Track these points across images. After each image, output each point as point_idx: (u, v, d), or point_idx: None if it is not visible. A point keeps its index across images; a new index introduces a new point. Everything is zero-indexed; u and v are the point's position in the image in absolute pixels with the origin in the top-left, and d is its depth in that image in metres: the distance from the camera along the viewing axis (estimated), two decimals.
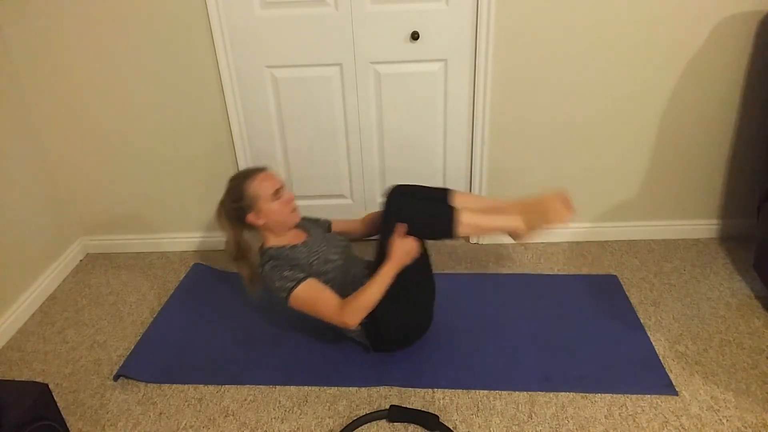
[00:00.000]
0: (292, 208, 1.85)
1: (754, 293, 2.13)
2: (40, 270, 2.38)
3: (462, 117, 2.30)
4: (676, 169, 2.36)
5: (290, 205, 1.84)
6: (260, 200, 1.79)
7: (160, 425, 1.73)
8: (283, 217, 1.82)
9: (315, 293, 1.73)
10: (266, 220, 1.81)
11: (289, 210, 1.83)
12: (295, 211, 1.86)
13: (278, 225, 1.83)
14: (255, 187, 1.79)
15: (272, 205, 1.80)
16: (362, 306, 1.69)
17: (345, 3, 2.09)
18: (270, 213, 1.80)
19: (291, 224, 1.86)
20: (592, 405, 1.70)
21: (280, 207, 1.81)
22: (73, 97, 2.30)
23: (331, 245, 1.89)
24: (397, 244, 1.73)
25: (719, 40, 2.10)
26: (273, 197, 1.80)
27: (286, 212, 1.83)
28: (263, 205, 1.79)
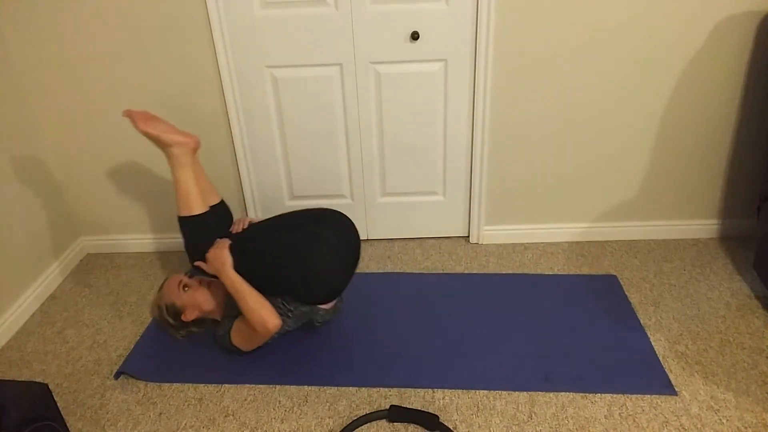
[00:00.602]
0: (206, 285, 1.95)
1: (754, 293, 2.13)
2: (40, 270, 2.38)
3: (462, 117, 2.30)
4: (676, 169, 2.36)
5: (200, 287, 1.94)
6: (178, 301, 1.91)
7: (160, 425, 1.73)
8: (204, 298, 1.94)
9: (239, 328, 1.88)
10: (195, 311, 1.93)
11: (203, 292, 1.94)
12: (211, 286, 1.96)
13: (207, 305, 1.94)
14: (166, 297, 1.93)
15: (187, 297, 1.92)
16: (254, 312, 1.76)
17: (345, 3, 2.09)
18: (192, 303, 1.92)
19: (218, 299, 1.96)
20: (592, 405, 1.70)
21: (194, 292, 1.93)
22: (73, 97, 2.30)
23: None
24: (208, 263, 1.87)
25: (719, 40, 2.10)
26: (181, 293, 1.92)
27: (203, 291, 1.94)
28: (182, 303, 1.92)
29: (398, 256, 2.48)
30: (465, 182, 2.45)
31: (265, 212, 2.55)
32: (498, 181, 2.42)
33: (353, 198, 2.51)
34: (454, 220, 2.55)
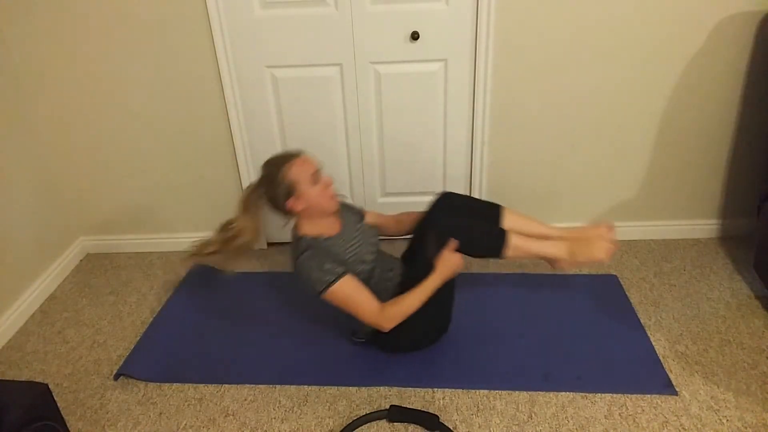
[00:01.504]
0: (332, 194, 1.79)
1: (754, 293, 2.13)
2: (40, 270, 2.38)
3: (462, 117, 2.30)
4: (676, 169, 2.36)
5: (329, 189, 1.78)
6: (300, 185, 1.73)
7: (160, 425, 1.73)
8: (323, 202, 1.76)
9: (353, 291, 1.70)
10: (306, 205, 1.75)
11: (328, 195, 1.78)
12: (334, 197, 1.80)
13: (318, 210, 1.78)
14: (294, 173, 1.72)
15: (312, 189, 1.74)
16: (401, 313, 1.71)
17: (345, 3, 2.09)
18: (310, 198, 1.74)
19: (331, 209, 1.79)
20: (592, 405, 1.70)
21: (321, 191, 1.76)
22: (73, 97, 2.30)
23: (365, 242, 1.86)
24: (446, 258, 1.74)
25: (719, 40, 2.10)
26: (312, 181, 1.74)
27: (326, 197, 1.77)
28: (303, 189, 1.73)
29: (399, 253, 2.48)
30: (465, 182, 2.45)
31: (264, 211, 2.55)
32: (498, 180, 2.42)
33: (353, 198, 2.51)
34: None
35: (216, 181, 2.47)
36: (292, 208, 1.76)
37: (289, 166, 1.73)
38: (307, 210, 1.77)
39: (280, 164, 1.74)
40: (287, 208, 1.77)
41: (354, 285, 1.71)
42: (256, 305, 2.22)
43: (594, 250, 1.81)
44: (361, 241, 1.85)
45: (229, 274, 1.83)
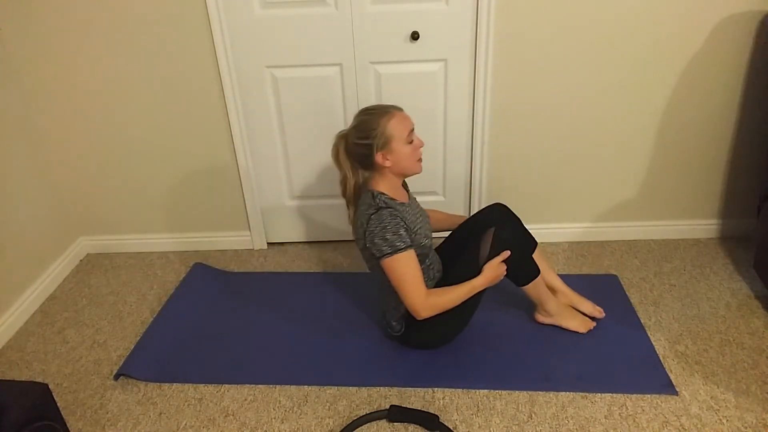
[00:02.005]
0: (420, 156, 1.75)
1: (754, 293, 2.13)
2: (40, 270, 2.38)
3: (462, 117, 2.30)
4: (676, 169, 2.36)
5: (419, 152, 1.74)
6: (394, 140, 1.67)
7: (160, 425, 1.73)
8: (410, 163, 1.72)
9: (412, 267, 1.66)
10: (393, 163, 1.70)
11: (416, 157, 1.73)
12: (420, 160, 1.76)
13: (403, 171, 1.73)
14: (392, 126, 1.66)
15: (405, 147, 1.69)
16: (442, 304, 1.70)
17: (345, 3, 2.09)
18: (400, 156, 1.69)
19: (414, 172, 1.76)
20: (592, 405, 1.70)
21: (412, 152, 1.71)
22: (73, 97, 2.30)
23: (425, 220, 1.85)
24: (496, 265, 1.75)
25: (719, 40, 2.10)
26: (407, 140, 1.69)
27: (414, 158, 1.72)
28: (396, 146, 1.67)
29: None
30: (465, 182, 2.45)
31: (264, 212, 2.55)
32: (498, 181, 2.42)
33: None
34: None
35: (216, 182, 2.47)
36: (380, 162, 1.70)
37: (388, 118, 1.67)
38: (392, 168, 1.72)
39: (380, 115, 1.68)
40: (374, 161, 1.70)
41: (415, 261, 1.68)
42: (256, 305, 2.22)
43: (576, 322, 1.97)
44: (422, 217, 1.84)
45: None
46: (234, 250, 2.62)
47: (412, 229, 1.73)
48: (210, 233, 2.61)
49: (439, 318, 1.74)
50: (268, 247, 2.64)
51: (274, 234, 2.62)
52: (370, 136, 1.67)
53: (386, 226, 1.65)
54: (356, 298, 2.22)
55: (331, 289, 2.29)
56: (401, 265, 1.66)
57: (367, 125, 1.68)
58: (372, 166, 1.73)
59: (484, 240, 1.77)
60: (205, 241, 2.62)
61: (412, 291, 1.67)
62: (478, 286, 1.73)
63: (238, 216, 2.55)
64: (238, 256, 2.58)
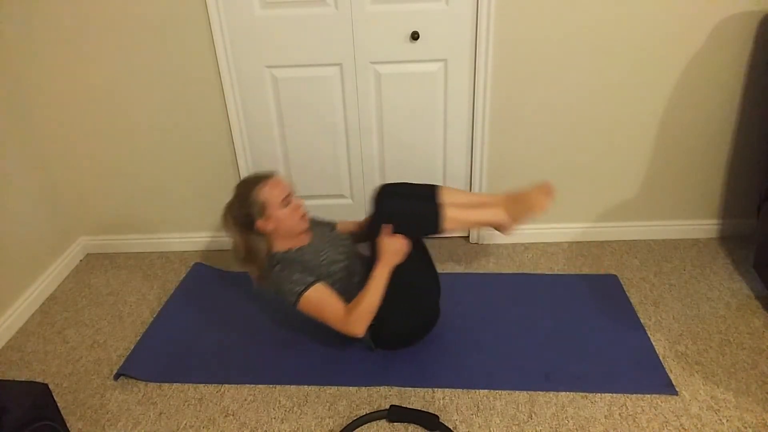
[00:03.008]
0: (301, 215, 1.84)
1: (754, 293, 2.13)
2: (40, 270, 2.38)
3: (462, 117, 2.30)
4: (676, 169, 2.36)
5: (299, 211, 1.83)
6: (269, 207, 1.78)
7: (160, 425, 1.73)
8: (292, 224, 1.81)
9: (323, 298, 1.73)
10: (275, 226, 1.80)
11: (298, 216, 1.83)
12: (303, 218, 1.85)
13: (288, 231, 1.83)
14: (265, 194, 1.78)
15: (281, 212, 1.79)
16: (364, 312, 1.71)
17: (345, 3, 2.09)
18: (279, 220, 1.79)
19: (300, 231, 1.85)
20: (592, 405, 1.70)
21: (290, 213, 1.81)
22: (73, 97, 2.30)
23: (335, 245, 1.90)
24: (384, 244, 1.74)
25: (719, 40, 2.10)
26: (282, 204, 1.79)
27: (295, 219, 1.82)
28: (272, 211, 1.78)
29: None
30: (465, 182, 2.45)
31: None
32: (498, 180, 2.42)
33: (353, 198, 2.51)
34: None
35: (216, 181, 2.47)
36: (262, 228, 1.81)
37: (260, 187, 1.79)
38: (277, 230, 1.82)
39: (252, 185, 1.80)
40: (257, 228, 1.81)
41: (324, 292, 1.74)
42: (257, 305, 2.22)
43: (531, 204, 1.88)
44: (331, 245, 1.90)
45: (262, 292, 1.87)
46: None
47: (317, 263, 1.81)
48: (210, 233, 2.61)
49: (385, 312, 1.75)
50: None
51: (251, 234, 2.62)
52: (246, 206, 1.79)
53: (280, 281, 1.76)
54: None
55: None
56: (309, 302, 1.74)
57: (242, 197, 1.80)
58: (258, 232, 1.83)
59: (369, 231, 1.80)
60: (205, 241, 2.62)
61: (333, 318, 1.73)
62: (380, 272, 1.73)
63: None
64: None
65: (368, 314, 1.71)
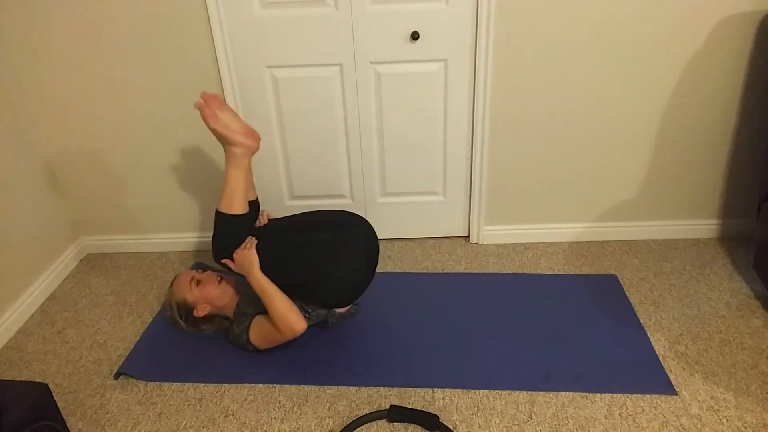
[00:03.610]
0: (216, 281, 1.99)
1: (754, 293, 2.13)
2: (40, 270, 2.38)
3: (462, 117, 2.30)
4: (676, 169, 2.36)
5: (212, 282, 1.98)
6: (189, 299, 1.96)
7: (160, 425, 1.73)
8: (216, 293, 1.97)
9: (260, 327, 1.87)
10: (210, 305, 1.97)
11: (214, 286, 1.98)
12: (220, 282, 2.00)
13: (219, 298, 1.98)
14: (178, 292, 1.97)
15: (201, 294, 1.95)
16: (280, 313, 1.79)
17: (345, 3, 2.09)
18: (207, 298, 1.96)
19: (229, 294, 2.00)
20: (592, 405, 1.70)
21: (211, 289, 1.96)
22: (73, 96, 2.30)
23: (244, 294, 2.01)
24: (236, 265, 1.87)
25: (719, 40, 2.10)
26: (193, 287, 1.96)
27: (214, 290, 1.97)
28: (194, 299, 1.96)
29: (398, 256, 2.48)
30: (465, 182, 2.45)
31: None
32: (498, 180, 2.42)
33: (353, 198, 2.51)
34: (454, 220, 2.55)
35: (216, 181, 2.47)
36: (203, 314, 1.97)
37: (171, 292, 2.00)
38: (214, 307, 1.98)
39: (167, 294, 2.02)
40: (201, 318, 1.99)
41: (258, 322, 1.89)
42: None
43: None
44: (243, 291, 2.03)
45: None
46: None
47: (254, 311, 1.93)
48: (210, 233, 2.61)
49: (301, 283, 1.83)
50: None
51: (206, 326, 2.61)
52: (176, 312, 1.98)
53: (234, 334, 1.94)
54: None
55: None
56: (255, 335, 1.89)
57: (169, 307, 2.00)
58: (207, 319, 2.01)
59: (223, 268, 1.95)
60: (205, 241, 2.62)
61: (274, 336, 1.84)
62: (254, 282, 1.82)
63: None
64: None
65: (282, 312, 1.79)
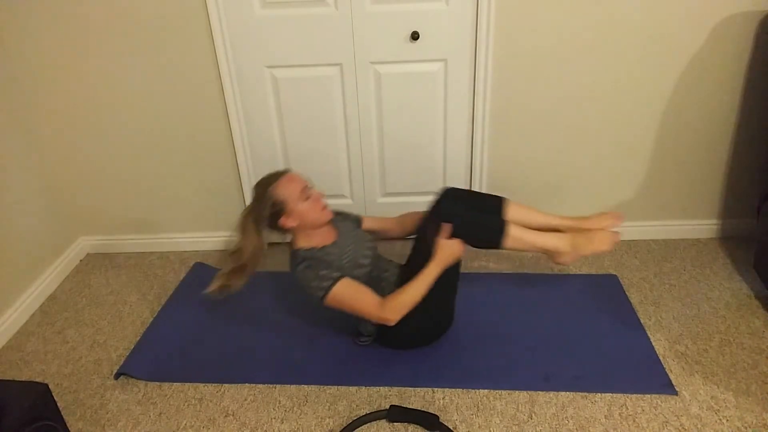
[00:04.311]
0: (322, 206, 1.83)
1: (754, 293, 2.13)
2: (40, 270, 2.38)
3: (462, 117, 2.30)
4: (676, 169, 2.36)
5: (319, 203, 1.82)
6: (290, 202, 1.78)
7: (160, 425, 1.73)
8: (314, 216, 1.81)
9: (352, 292, 1.73)
10: (299, 221, 1.80)
11: (319, 208, 1.82)
12: (325, 209, 1.84)
13: (310, 224, 1.82)
14: (281, 191, 1.78)
15: (302, 205, 1.79)
16: (405, 303, 1.71)
17: (345, 3, 2.09)
18: (301, 213, 1.79)
19: (323, 222, 1.84)
20: (592, 405, 1.70)
21: (311, 206, 1.80)
22: (73, 96, 2.30)
23: (360, 246, 1.88)
24: (443, 244, 1.75)
25: (719, 40, 2.10)
26: (301, 197, 1.79)
27: (317, 210, 1.81)
28: (293, 206, 1.78)
29: (399, 256, 2.48)
30: (465, 182, 2.45)
31: None
32: (498, 181, 2.42)
33: (353, 198, 2.51)
34: None
35: (216, 182, 2.47)
36: (284, 225, 1.81)
37: (275, 185, 1.79)
38: (300, 225, 1.81)
39: (268, 185, 1.80)
40: (280, 226, 1.81)
41: (352, 286, 1.73)
42: (256, 305, 2.22)
43: (596, 242, 1.83)
44: (356, 246, 1.88)
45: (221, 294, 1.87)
46: None
47: (339, 264, 1.80)
48: (210, 233, 2.61)
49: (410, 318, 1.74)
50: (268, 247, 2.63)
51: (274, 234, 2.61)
52: (267, 206, 1.78)
53: (307, 277, 1.75)
54: None
55: None
56: (339, 296, 1.72)
57: (261, 198, 1.79)
58: (282, 230, 1.84)
59: (426, 227, 1.79)
60: (205, 241, 2.62)
61: (366, 308, 1.73)
62: (432, 270, 1.74)
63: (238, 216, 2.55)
64: None
65: (408, 305, 1.71)
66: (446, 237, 1.75)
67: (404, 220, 2.09)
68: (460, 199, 1.91)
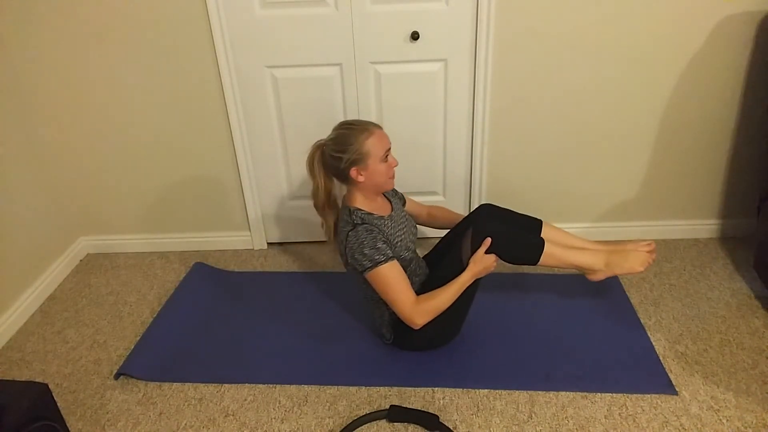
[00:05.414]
0: (393, 174, 1.79)
1: (754, 293, 2.13)
2: (40, 270, 2.38)
3: (462, 117, 2.30)
4: (676, 169, 2.36)
5: (392, 170, 1.78)
6: (371, 158, 1.70)
7: (160, 425, 1.73)
8: (383, 180, 1.76)
9: (397, 277, 1.69)
10: (367, 178, 1.74)
11: (390, 175, 1.78)
12: (392, 178, 1.81)
13: (376, 187, 1.77)
14: (370, 143, 1.70)
15: (380, 165, 1.73)
16: (434, 309, 1.71)
17: (345, 3, 2.09)
18: (375, 173, 1.73)
19: (386, 189, 1.81)
20: (592, 405, 1.70)
21: (386, 170, 1.75)
22: (73, 96, 2.30)
23: (409, 230, 1.88)
24: (479, 256, 1.75)
25: (719, 40, 2.10)
26: (383, 158, 1.73)
27: (387, 176, 1.77)
28: (372, 163, 1.71)
29: None
30: (465, 182, 2.45)
31: (264, 212, 2.55)
32: (498, 181, 2.42)
33: None
34: None
35: (216, 181, 2.47)
36: (354, 177, 1.73)
37: (367, 135, 1.70)
38: (365, 183, 1.75)
39: (360, 131, 1.71)
40: (349, 175, 1.74)
41: (399, 271, 1.71)
42: (257, 305, 2.22)
43: (631, 261, 1.84)
44: (406, 228, 1.87)
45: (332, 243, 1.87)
46: (234, 250, 2.62)
47: (392, 242, 1.76)
48: (210, 233, 2.61)
49: (430, 321, 1.74)
50: (268, 247, 2.64)
51: (274, 234, 2.62)
52: (348, 150, 1.70)
53: (363, 241, 1.69)
54: (356, 297, 2.22)
55: (332, 288, 2.29)
56: (384, 276, 1.69)
57: (345, 140, 1.71)
58: (346, 180, 1.77)
59: (466, 237, 1.79)
60: (205, 241, 2.62)
61: (401, 300, 1.69)
62: (466, 280, 1.74)
63: (238, 216, 2.55)
64: (238, 256, 2.58)
65: (436, 311, 1.71)
66: (485, 251, 1.75)
67: (433, 212, 2.14)
68: (498, 216, 1.95)
